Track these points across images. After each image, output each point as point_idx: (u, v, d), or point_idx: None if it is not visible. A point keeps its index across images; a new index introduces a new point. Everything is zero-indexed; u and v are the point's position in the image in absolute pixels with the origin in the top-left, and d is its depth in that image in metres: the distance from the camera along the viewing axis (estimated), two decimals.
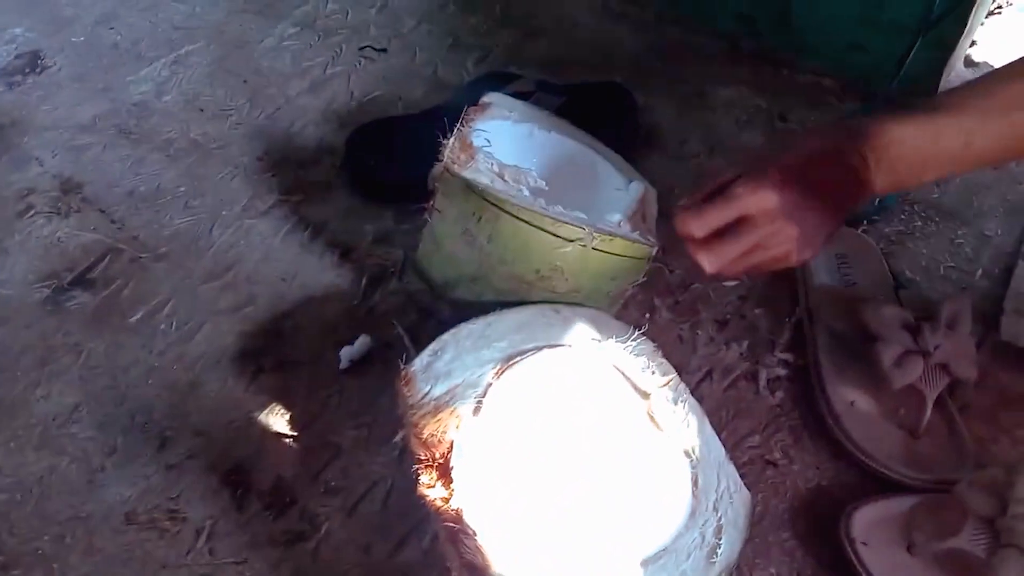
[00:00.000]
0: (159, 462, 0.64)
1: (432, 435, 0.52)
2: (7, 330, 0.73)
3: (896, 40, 0.84)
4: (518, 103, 0.74)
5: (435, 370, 0.56)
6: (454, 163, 0.61)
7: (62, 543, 0.60)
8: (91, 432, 0.66)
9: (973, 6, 0.82)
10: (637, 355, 0.60)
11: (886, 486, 0.60)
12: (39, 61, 1.01)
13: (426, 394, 0.54)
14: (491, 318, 0.59)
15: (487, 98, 0.72)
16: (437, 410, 0.53)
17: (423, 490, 0.50)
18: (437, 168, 0.62)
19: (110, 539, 0.60)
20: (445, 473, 0.50)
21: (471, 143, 0.64)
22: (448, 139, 0.63)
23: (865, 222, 0.79)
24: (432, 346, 0.57)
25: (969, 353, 0.63)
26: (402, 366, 0.56)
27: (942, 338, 0.62)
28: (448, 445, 0.51)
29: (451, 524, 0.48)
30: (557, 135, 0.73)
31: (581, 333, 0.60)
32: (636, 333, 0.61)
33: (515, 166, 0.64)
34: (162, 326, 0.73)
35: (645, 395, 0.58)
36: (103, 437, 0.66)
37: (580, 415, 0.56)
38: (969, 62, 0.95)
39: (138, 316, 0.74)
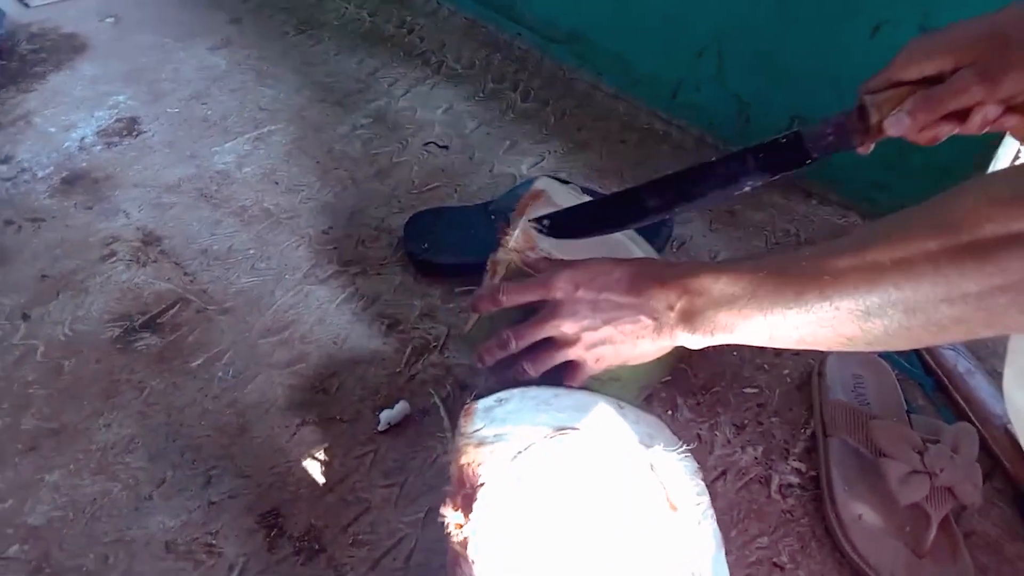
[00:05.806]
0: (202, 498, 0.68)
1: (469, 465, 0.55)
2: (79, 361, 0.79)
3: (920, 182, 0.91)
4: (565, 189, 0.81)
5: (494, 414, 0.59)
6: (517, 250, 0.68)
7: (105, 563, 0.64)
8: (143, 463, 0.71)
9: (993, 157, 0.89)
10: (679, 469, 0.61)
11: None
12: (136, 126, 1.12)
13: (478, 430, 0.58)
14: (560, 391, 0.63)
15: (539, 184, 0.78)
16: (480, 445, 0.56)
17: (445, 509, 0.53)
18: (501, 253, 0.68)
19: (149, 564, 0.64)
20: (468, 503, 0.53)
21: (531, 234, 0.71)
22: (509, 230, 0.70)
23: None
24: (501, 394, 0.61)
25: (974, 479, 0.66)
26: (469, 401, 0.60)
27: (947, 461, 0.66)
28: (480, 480, 0.54)
29: (457, 548, 0.51)
30: None
31: (636, 432, 0.62)
32: (683, 448, 0.62)
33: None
34: (219, 373, 0.79)
35: (673, 507, 0.59)
36: (154, 469, 0.70)
37: (606, 500, 0.57)
38: None
39: (198, 362, 0.80)
